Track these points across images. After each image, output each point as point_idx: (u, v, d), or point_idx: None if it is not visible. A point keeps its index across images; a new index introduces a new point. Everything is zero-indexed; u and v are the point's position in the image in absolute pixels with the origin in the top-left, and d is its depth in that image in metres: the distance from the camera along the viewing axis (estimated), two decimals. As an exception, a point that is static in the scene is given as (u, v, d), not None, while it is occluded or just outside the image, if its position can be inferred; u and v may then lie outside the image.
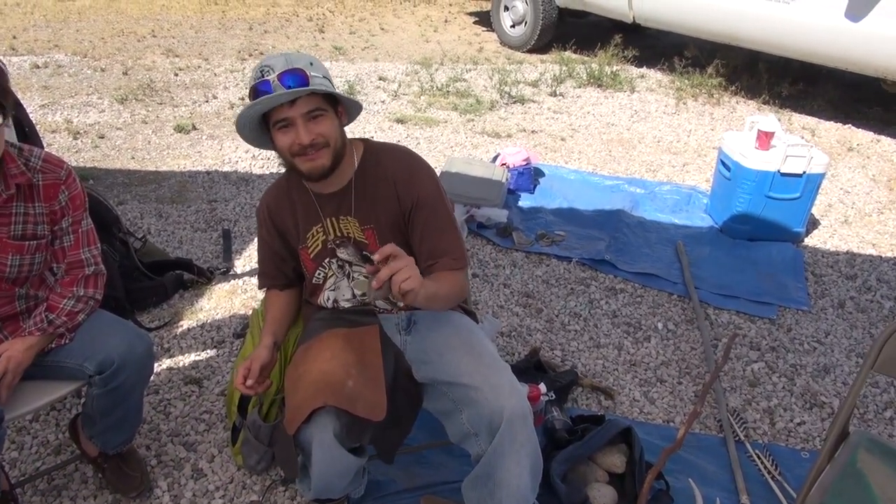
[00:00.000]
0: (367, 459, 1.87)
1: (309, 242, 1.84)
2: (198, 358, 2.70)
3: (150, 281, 3.01)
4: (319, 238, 1.83)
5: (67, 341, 1.79)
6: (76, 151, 4.72)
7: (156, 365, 2.64)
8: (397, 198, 1.77)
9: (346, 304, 1.88)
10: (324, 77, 1.67)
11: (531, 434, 1.72)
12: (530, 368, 2.54)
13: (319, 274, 1.85)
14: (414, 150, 1.88)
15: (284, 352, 1.97)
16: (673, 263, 3.42)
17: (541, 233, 3.60)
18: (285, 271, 1.94)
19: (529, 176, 4.07)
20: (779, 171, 3.45)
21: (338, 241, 1.80)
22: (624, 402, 2.51)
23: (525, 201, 3.97)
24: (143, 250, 3.09)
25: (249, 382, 1.70)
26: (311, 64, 1.65)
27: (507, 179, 3.88)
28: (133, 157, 4.62)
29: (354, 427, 1.65)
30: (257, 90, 1.62)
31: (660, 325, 2.96)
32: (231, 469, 2.19)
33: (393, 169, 1.78)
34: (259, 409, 2.00)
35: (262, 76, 1.62)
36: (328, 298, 1.87)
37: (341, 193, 1.78)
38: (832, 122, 5.50)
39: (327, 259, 1.84)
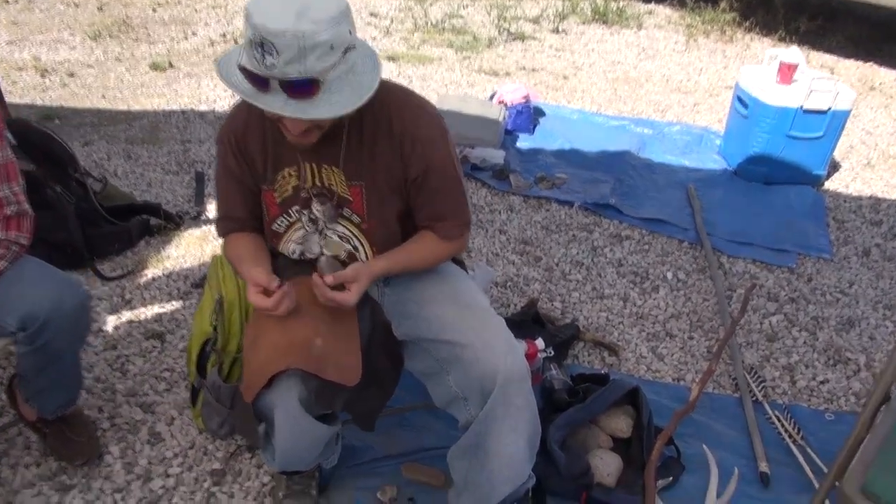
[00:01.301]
0: (342, 425, 1.65)
1: (277, 185, 1.54)
2: (161, 310, 2.46)
3: (112, 226, 2.75)
4: (291, 182, 1.53)
5: (-16, 291, 1.53)
6: (43, 90, 4.40)
7: (114, 319, 2.40)
8: (402, 160, 1.46)
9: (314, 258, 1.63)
10: (336, 60, 1.25)
11: (529, 398, 1.49)
12: (527, 322, 2.30)
13: (282, 221, 1.57)
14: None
15: (246, 304, 1.72)
16: (683, 208, 3.16)
17: (540, 175, 3.32)
18: (257, 212, 1.61)
19: (529, 115, 3.76)
20: (801, 108, 3.15)
21: (315, 192, 1.52)
22: (630, 359, 2.28)
23: (523, 142, 3.67)
24: (104, 193, 2.81)
25: (275, 294, 1.40)
26: (324, 44, 1.22)
27: (504, 118, 3.58)
28: (104, 96, 4.30)
29: (324, 392, 1.41)
30: (250, 73, 1.25)
31: (669, 275, 2.71)
32: (192, 433, 1.97)
33: (403, 126, 1.45)
34: (219, 368, 1.76)
35: (263, 56, 1.21)
36: (293, 251, 1.60)
37: (329, 137, 1.43)
38: (853, 61, 5.16)
39: (296, 207, 1.54)
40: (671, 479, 1.81)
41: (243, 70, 1.25)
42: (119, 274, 2.62)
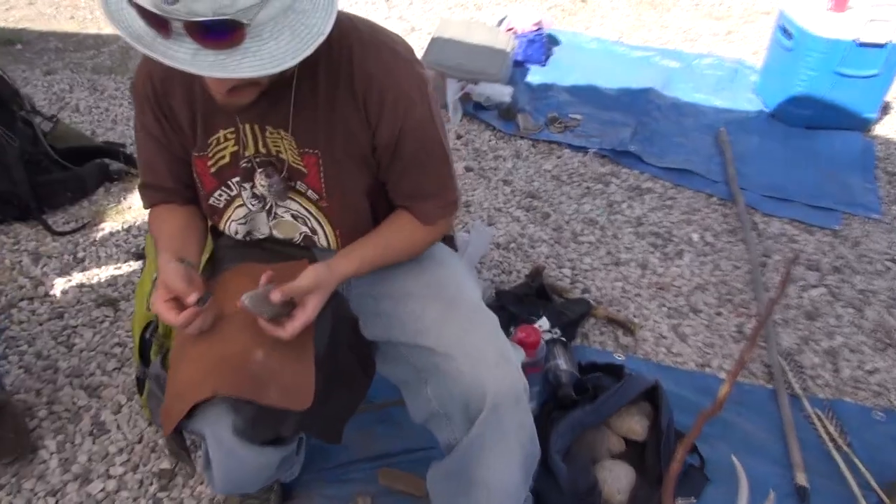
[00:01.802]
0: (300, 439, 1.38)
1: (211, 151, 1.20)
2: (118, 272, 2.17)
3: (64, 172, 2.43)
4: (228, 149, 1.19)
5: None
6: (6, 9, 4.00)
7: (64, 282, 2.12)
8: (368, 120, 1.12)
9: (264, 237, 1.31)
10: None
11: (524, 419, 1.21)
12: (530, 295, 2.00)
13: (220, 196, 1.25)
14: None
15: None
16: (713, 157, 2.79)
17: (552, 116, 2.94)
18: (186, 179, 1.28)
19: (541, 44, 3.35)
20: (856, 40, 2.73)
21: (259, 161, 1.18)
22: (648, 339, 1.98)
23: (534, 76, 3.27)
24: (54, 133, 2.48)
25: (186, 310, 1.06)
26: None
27: (513, 48, 3.17)
28: (73, 17, 3.91)
29: (265, 419, 1.12)
30: (143, 10, 0.87)
31: (695, 237, 2.38)
32: (141, 424, 1.71)
33: (369, 76, 1.09)
34: (162, 359, 1.48)
35: None
36: (236, 231, 1.29)
37: (273, 95, 1.08)
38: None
39: (236, 179, 1.21)
40: (693, 500, 1.54)
41: (135, 5, 0.89)
42: (72, 228, 2.33)
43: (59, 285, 2.11)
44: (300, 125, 1.13)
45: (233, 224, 1.27)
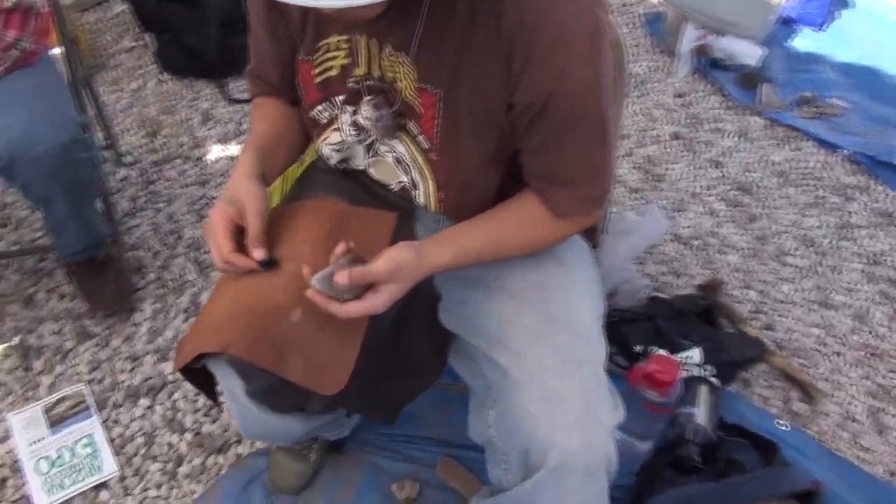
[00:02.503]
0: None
1: (318, 58, 0.96)
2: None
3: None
4: (339, 60, 0.94)
5: (-27, 104, 1.21)
6: None
7: (220, 149, 2.09)
8: (509, 73, 0.83)
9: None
10: None
11: (598, 496, 0.92)
12: (693, 312, 1.60)
13: (323, 111, 1.01)
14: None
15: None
16: None
17: (805, 95, 2.34)
18: (292, 80, 1.05)
19: (826, 2, 2.67)
20: None
21: (369, 86, 0.92)
22: (831, 415, 1.52)
23: (802, 41, 2.63)
24: None
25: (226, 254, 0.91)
26: None
27: (784, 1, 2.55)
28: None
29: (282, 391, 0.92)
30: None
31: (949, 299, 1.77)
32: (230, 318, 1.64)
33: (519, 17, 0.79)
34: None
35: None
36: (329, 157, 1.06)
37: (400, 10, 0.82)
38: None
39: (340, 97, 0.97)
40: None
41: None
42: (246, 98, 2.29)
43: (215, 152, 2.09)
44: (425, 54, 0.85)
45: (327, 148, 1.04)
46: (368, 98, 0.93)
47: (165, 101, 2.26)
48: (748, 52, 2.39)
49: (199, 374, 0.97)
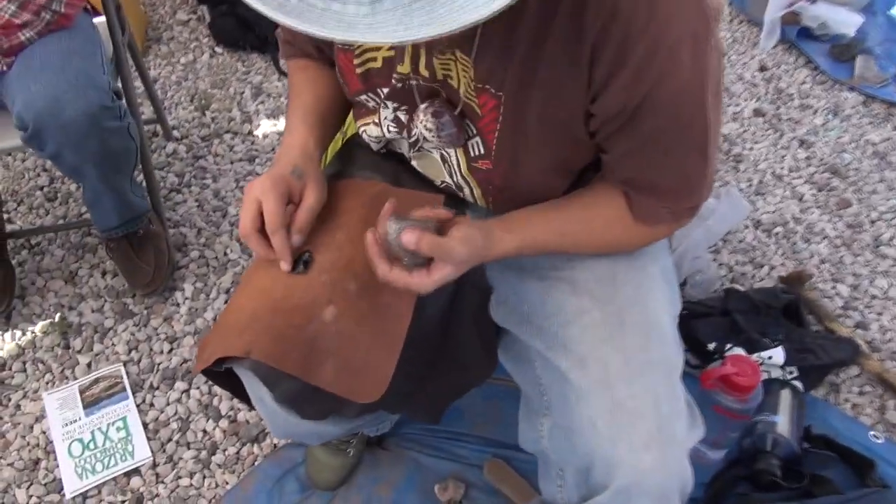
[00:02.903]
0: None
1: (359, 48, 0.83)
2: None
3: None
4: (382, 52, 0.81)
5: (3, 67, 1.15)
6: None
7: (269, 125, 2.02)
8: (591, 79, 0.69)
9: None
10: None
11: None
12: (775, 308, 1.43)
13: (367, 100, 0.88)
14: None
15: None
16: None
17: (910, 69, 2.10)
18: (331, 54, 0.93)
19: (933, -34, 2.40)
20: None
21: (420, 86, 0.80)
22: (933, 428, 1.33)
23: (905, 9, 2.37)
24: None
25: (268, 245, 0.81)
26: None
27: (888, -37, 2.30)
28: None
29: (313, 398, 0.82)
30: None
31: None
32: (272, 300, 1.56)
33: (609, 13, 0.64)
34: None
35: None
36: (369, 143, 0.95)
37: None
38: None
39: (385, 90, 0.84)
40: None
41: None
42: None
43: (264, 127, 2.02)
44: (487, 53, 0.72)
45: (366, 136, 0.93)
46: (426, 107, 0.80)
47: (217, 75, 2.20)
48: (844, 21, 2.16)
49: (225, 375, 0.89)
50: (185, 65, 2.24)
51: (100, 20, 1.39)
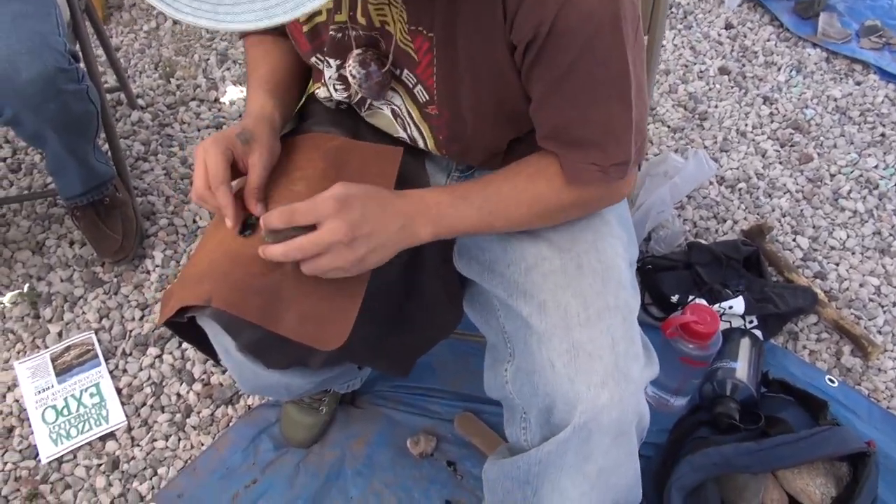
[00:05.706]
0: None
1: None
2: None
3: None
4: (326, 4, 0.80)
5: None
6: None
7: (236, 91, 2.00)
8: (504, 8, 0.69)
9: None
10: None
11: (625, 460, 0.83)
12: (736, 259, 1.47)
13: (316, 62, 0.89)
14: None
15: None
16: None
17: (871, 24, 2.13)
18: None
19: (895, -78, 2.41)
20: None
21: (356, 36, 0.80)
22: (886, 372, 1.39)
23: (868, -35, 2.39)
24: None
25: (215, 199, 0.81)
26: None
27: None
28: None
29: (277, 347, 0.83)
30: None
31: None
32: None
33: None
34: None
35: None
36: (326, 100, 0.96)
37: None
38: None
39: (331, 49, 0.84)
40: None
41: None
42: (263, 36, 2.19)
43: (231, 94, 2.00)
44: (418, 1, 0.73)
45: (321, 98, 0.94)
46: (357, 54, 0.80)
47: (181, 42, 2.17)
48: (806, -23, 2.17)
49: (191, 329, 0.90)
50: (148, 32, 2.20)
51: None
